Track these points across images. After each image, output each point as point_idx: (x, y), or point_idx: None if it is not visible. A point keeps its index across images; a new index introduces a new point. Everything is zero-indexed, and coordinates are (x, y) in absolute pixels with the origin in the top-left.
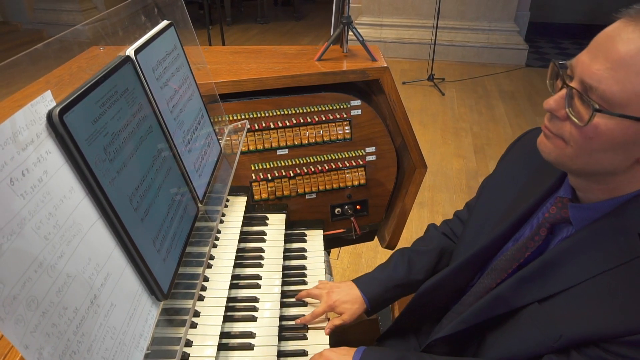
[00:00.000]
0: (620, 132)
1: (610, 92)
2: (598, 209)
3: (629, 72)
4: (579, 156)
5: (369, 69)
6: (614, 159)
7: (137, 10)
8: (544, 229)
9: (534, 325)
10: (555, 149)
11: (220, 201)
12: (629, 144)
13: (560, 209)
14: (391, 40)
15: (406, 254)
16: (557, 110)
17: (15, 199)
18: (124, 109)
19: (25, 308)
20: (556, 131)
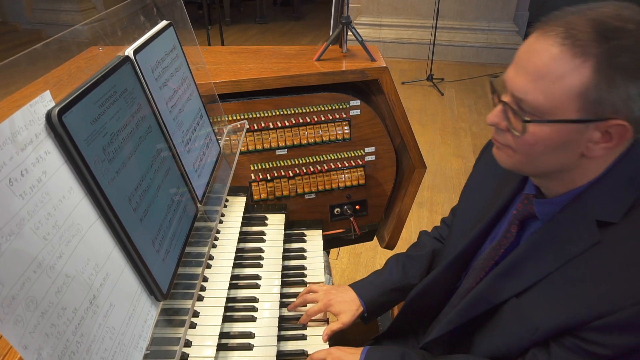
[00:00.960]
0: (556, 135)
1: (537, 102)
2: (559, 202)
3: (548, 81)
4: (529, 161)
5: (368, 69)
6: (560, 158)
7: (136, 11)
8: (514, 226)
9: (515, 320)
10: (507, 158)
11: (220, 201)
12: (567, 143)
13: (526, 206)
14: (390, 40)
15: (400, 259)
16: (498, 123)
17: (14, 199)
18: (123, 109)
19: (24, 308)
20: (503, 142)
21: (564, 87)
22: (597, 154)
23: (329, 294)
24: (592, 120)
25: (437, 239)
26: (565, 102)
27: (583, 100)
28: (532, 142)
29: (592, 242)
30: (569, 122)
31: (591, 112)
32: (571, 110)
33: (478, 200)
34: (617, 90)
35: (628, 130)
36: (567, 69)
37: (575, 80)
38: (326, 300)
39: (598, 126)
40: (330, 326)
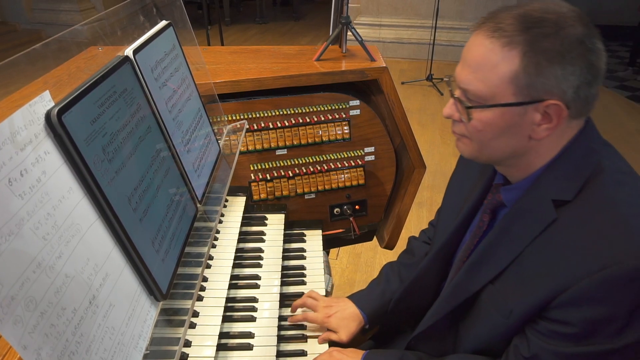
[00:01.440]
0: (500, 119)
1: (478, 90)
2: (522, 187)
3: (485, 71)
4: (483, 147)
5: (367, 69)
6: (510, 141)
7: (136, 11)
8: (486, 215)
9: (492, 306)
10: (466, 147)
11: (219, 201)
12: (512, 126)
13: (495, 195)
14: (390, 40)
15: (395, 267)
16: (452, 115)
17: (13, 199)
18: (122, 109)
19: (24, 308)
20: (459, 132)
21: (498, 74)
22: (542, 135)
23: (329, 308)
24: (528, 103)
25: (425, 242)
26: (502, 87)
27: (516, 84)
28: (481, 128)
29: (548, 220)
30: (506, 106)
31: (526, 95)
32: (508, 94)
33: (459, 198)
34: (545, 73)
35: (562, 109)
36: (499, 58)
37: (506, 67)
38: (324, 315)
39: (536, 108)
40: (329, 334)
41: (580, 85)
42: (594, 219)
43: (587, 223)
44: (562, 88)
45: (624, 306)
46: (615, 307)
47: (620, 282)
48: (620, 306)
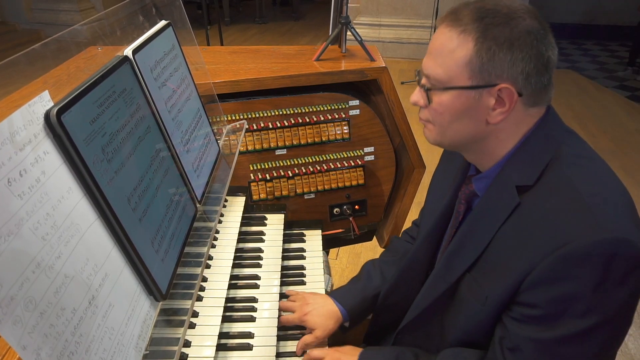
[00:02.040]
0: (457, 101)
1: (437, 74)
2: (490, 175)
3: (444, 57)
4: (444, 131)
5: (367, 69)
6: (468, 125)
7: (135, 10)
8: (461, 205)
9: (470, 295)
10: (430, 132)
11: (219, 201)
12: (469, 109)
13: (467, 185)
14: (389, 40)
15: (377, 264)
16: (417, 101)
17: (12, 199)
18: (122, 109)
19: (23, 309)
20: (424, 118)
21: (454, 58)
22: (497, 119)
23: (305, 306)
24: (482, 87)
25: (408, 241)
26: (458, 71)
27: (470, 68)
28: (441, 111)
29: (512, 206)
30: (462, 89)
31: (479, 79)
32: (464, 78)
33: (440, 194)
34: (496, 58)
35: (513, 92)
36: (455, 45)
37: (461, 52)
38: (301, 313)
39: (490, 92)
40: (304, 339)
41: (530, 72)
42: (552, 200)
43: (546, 205)
44: (512, 73)
45: (586, 282)
46: (578, 284)
47: (579, 258)
48: (582, 282)
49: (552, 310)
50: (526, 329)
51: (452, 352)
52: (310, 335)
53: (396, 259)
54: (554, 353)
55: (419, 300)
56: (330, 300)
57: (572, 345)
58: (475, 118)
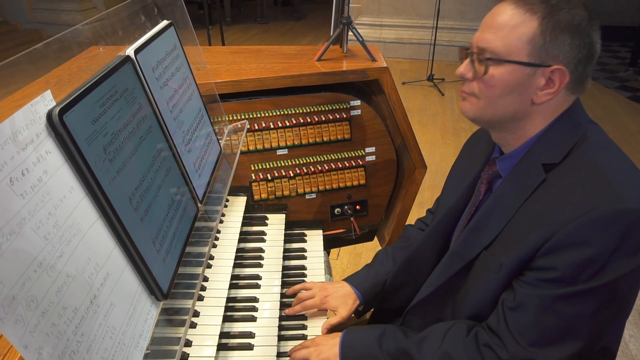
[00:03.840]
0: (511, 76)
1: (496, 47)
2: (516, 155)
3: (506, 31)
4: (488, 105)
5: (368, 69)
6: (514, 102)
7: (137, 10)
8: (482, 185)
9: (486, 270)
10: (471, 106)
11: (220, 201)
12: (520, 85)
13: (491, 166)
14: (391, 40)
15: (389, 251)
16: (465, 73)
17: (14, 199)
18: (123, 109)
19: (25, 308)
20: (468, 91)
21: (517, 34)
22: (543, 100)
23: (324, 290)
24: (539, 65)
25: (421, 229)
26: (519, 46)
27: (532, 46)
28: (492, 84)
29: (538, 181)
30: (521, 64)
31: (537, 58)
32: (523, 54)
33: (459, 180)
34: (557, 40)
35: (566, 75)
36: (520, 21)
37: (525, 29)
38: (322, 296)
39: (543, 72)
40: (329, 320)
41: (581, 60)
42: (578, 175)
43: (572, 179)
44: (568, 57)
45: (605, 247)
46: (597, 248)
47: (601, 224)
48: (601, 247)
49: (568, 272)
50: (535, 289)
51: (444, 324)
52: (335, 317)
53: (408, 245)
54: (555, 310)
55: (433, 278)
56: (346, 284)
57: (573, 303)
58: (522, 95)
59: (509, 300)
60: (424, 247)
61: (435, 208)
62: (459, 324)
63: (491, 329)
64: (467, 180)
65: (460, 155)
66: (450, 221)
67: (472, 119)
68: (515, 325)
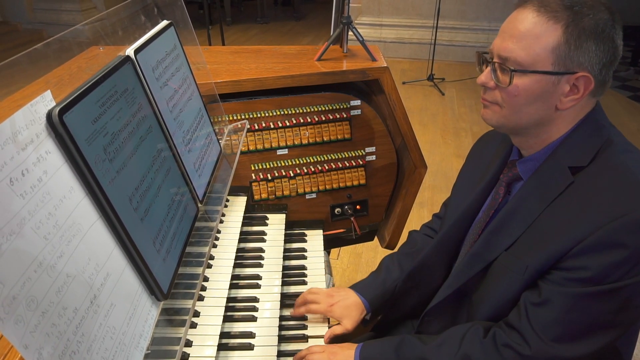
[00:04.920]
0: (536, 85)
1: (520, 57)
2: (538, 158)
3: (529, 40)
4: (513, 113)
5: (369, 69)
6: (539, 109)
7: (137, 10)
8: (502, 188)
9: (507, 271)
10: (494, 114)
11: (220, 201)
12: (544, 93)
13: (510, 169)
14: (391, 40)
15: (395, 257)
16: (487, 82)
17: (14, 199)
18: (123, 109)
19: (25, 308)
20: (491, 99)
21: (541, 43)
22: (567, 106)
23: (330, 297)
24: (564, 73)
25: (427, 235)
26: (543, 56)
27: (556, 54)
28: (516, 93)
29: (566, 183)
30: (546, 74)
31: (562, 66)
32: (547, 63)
33: (470, 185)
34: (582, 47)
35: (591, 81)
36: (543, 30)
37: (549, 38)
38: (327, 304)
39: (568, 79)
40: (333, 329)
41: (605, 64)
42: (608, 178)
43: (602, 182)
44: (593, 63)
45: (637, 250)
46: (629, 252)
47: (633, 228)
48: (635, 249)
49: (599, 273)
50: (562, 287)
51: (462, 326)
52: (339, 326)
53: (414, 251)
54: (580, 307)
55: (451, 280)
56: (353, 292)
57: (599, 301)
58: (547, 103)
59: (533, 297)
60: (435, 252)
61: (443, 213)
62: (475, 327)
63: (511, 325)
64: (481, 184)
65: (469, 160)
66: (463, 226)
67: (495, 127)
68: (539, 322)
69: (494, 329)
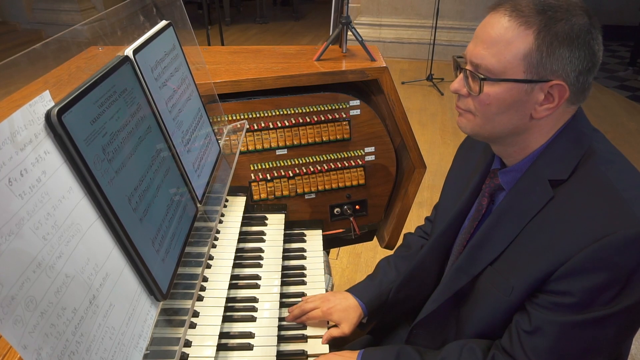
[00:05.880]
0: (508, 94)
1: (490, 64)
2: (519, 168)
3: (500, 47)
4: (486, 123)
5: (368, 69)
6: (512, 118)
7: (136, 10)
8: (484, 199)
9: (492, 287)
10: (468, 123)
11: (220, 201)
12: (517, 102)
13: (492, 179)
14: (390, 40)
15: (391, 260)
16: (459, 89)
17: (13, 199)
18: (122, 109)
19: (24, 308)
20: (464, 107)
21: (512, 51)
22: (542, 115)
23: (327, 301)
24: (536, 81)
25: (422, 237)
26: (514, 63)
27: (528, 62)
28: (488, 102)
29: (546, 199)
30: (517, 82)
31: (534, 74)
32: (519, 71)
33: (457, 190)
34: (555, 54)
35: (566, 90)
36: (514, 35)
37: (521, 45)
38: (326, 308)
39: (542, 87)
40: (331, 332)
41: (581, 71)
42: (589, 194)
43: (583, 198)
44: (567, 71)
45: (622, 272)
46: (614, 273)
47: (617, 249)
48: (618, 272)
49: (584, 298)
50: (552, 314)
51: (456, 344)
52: (337, 329)
53: (409, 254)
54: (574, 335)
55: (437, 294)
56: (350, 295)
57: (593, 328)
58: (520, 112)
59: (525, 324)
60: (426, 260)
61: (433, 217)
62: (469, 345)
63: (506, 350)
64: (466, 192)
65: (455, 163)
66: (451, 234)
67: (470, 135)
68: (533, 349)
69: (493, 351)
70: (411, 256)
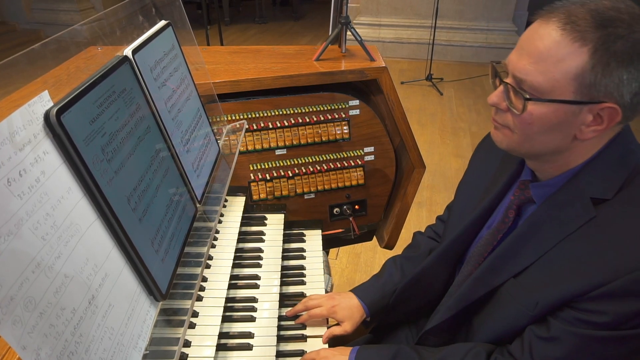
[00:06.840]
0: (553, 115)
1: (536, 82)
2: (555, 183)
3: (548, 64)
4: (525, 141)
5: (367, 68)
6: (555, 138)
7: (135, 10)
8: (512, 211)
9: (513, 300)
10: (505, 138)
11: (219, 201)
12: (562, 124)
13: (523, 190)
14: (389, 40)
15: (398, 261)
16: (498, 103)
17: (12, 200)
18: (121, 109)
19: (23, 309)
20: (502, 122)
21: (562, 69)
22: (588, 136)
23: (332, 300)
24: (587, 103)
25: (431, 237)
26: (563, 83)
27: (579, 82)
28: (530, 121)
29: (587, 217)
30: (565, 103)
31: (585, 95)
32: (568, 91)
33: (474, 194)
34: (611, 75)
35: (618, 113)
36: (567, 52)
37: (573, 63)
38: (330, 306)
39: (591, 109)
40: (332, 330)
41: (637, 93)
42: (634, 217)
43: (627, 221)
44: (622, 92)
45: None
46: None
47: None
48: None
49: (617, 319)
50: (574, 327)
51: (463, 346)
52: (339, 327)
53: (417, 255)
54: (592, 350)
55: (454, 301)
56: (353, 295)
57: (612, 346)
58: (564, 132)
59: (541, 331)
60: (436, 264)
61: (446, 217)
62: (477, 349)
63: (513, 356)
64: (486, 198)
65: (471, 166)
66: (466, 241)
67: (506, 150)
68: (542, 357)
69: (495, 355)
70: (418, 257)
